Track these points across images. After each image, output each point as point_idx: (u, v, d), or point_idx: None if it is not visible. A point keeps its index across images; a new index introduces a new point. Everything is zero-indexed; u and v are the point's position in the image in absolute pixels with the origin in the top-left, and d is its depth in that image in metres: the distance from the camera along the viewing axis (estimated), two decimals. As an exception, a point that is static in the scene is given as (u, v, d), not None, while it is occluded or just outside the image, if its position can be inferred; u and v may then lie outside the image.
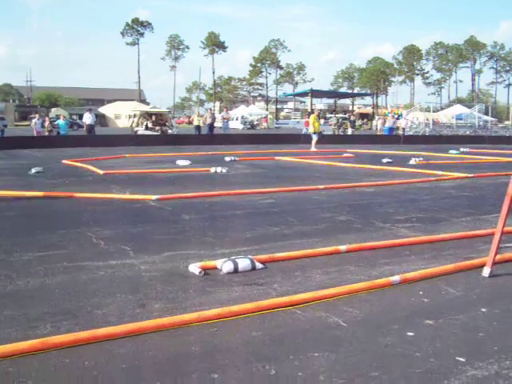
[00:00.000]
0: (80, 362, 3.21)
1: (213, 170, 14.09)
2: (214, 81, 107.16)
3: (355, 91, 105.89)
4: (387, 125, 39.60)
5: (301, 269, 5.23)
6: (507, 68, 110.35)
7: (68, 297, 4.36)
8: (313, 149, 23.01)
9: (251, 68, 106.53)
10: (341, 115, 55.41)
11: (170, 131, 36.44)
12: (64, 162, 16.34)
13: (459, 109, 57.67)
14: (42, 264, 5.28)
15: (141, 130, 35.57)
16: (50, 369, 3.12)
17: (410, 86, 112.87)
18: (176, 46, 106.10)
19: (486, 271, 5.07)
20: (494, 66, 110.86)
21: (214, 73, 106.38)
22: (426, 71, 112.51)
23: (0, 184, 11.15)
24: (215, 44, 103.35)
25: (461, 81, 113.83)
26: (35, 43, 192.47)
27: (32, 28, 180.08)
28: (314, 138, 23.61)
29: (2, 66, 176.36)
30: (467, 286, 4.82)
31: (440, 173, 13.96)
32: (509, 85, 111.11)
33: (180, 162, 16.16)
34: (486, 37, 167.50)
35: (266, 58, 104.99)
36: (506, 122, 63.51)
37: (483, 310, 4.20)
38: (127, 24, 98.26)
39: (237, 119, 65.41)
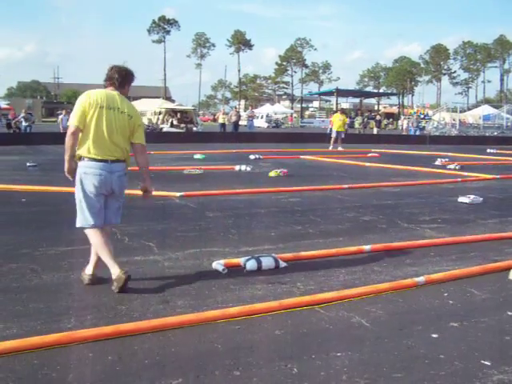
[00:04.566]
0: (103, 356, 3.24)
1: (237, 167, 14.11)
2: (240, 79, 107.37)
3: (381, 91, 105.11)
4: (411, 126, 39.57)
5: (325, 268, 5.21)
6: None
7: (92, 291, 4.41)
8: (339, 148, 22.86)
9: (277, 66, 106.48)
10: (366, 114, 55.07)
11: (194, 129, 36.61)
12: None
13: (487, 109, 56.77)
14: (67, 259, 5.34)
15: (166, 128, 35.80)
16: (74, 362, 3.16)
17: (437, 85, 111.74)
18: (202, 43, 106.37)
19: (512, 274, 4.99)
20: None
21: (239, 71, 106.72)
22: (453, 71, 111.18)
23: (28, 179, 11.31)
24: (241, 42, 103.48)
25: (489, 81, 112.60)
26: (63, 40, 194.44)
27: (61, 25, 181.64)
28: (340, 136, 23.49)
29: (31, 63, 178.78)
30: (493, 288, 4.75)
31: (466, 174, 13.79)
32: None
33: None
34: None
35: (292, 57, 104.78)
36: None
37: (509, 313, 4.14)
38: (154, 22, 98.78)
39: (262, 118, 65.26)
